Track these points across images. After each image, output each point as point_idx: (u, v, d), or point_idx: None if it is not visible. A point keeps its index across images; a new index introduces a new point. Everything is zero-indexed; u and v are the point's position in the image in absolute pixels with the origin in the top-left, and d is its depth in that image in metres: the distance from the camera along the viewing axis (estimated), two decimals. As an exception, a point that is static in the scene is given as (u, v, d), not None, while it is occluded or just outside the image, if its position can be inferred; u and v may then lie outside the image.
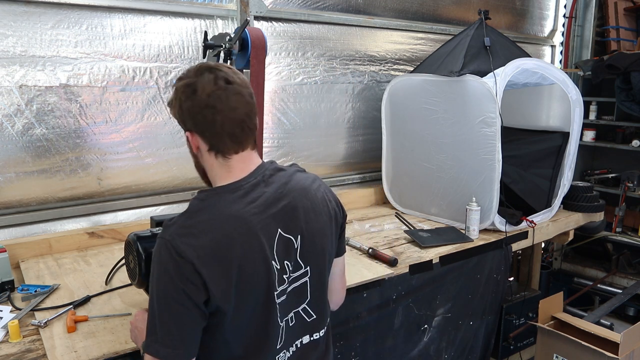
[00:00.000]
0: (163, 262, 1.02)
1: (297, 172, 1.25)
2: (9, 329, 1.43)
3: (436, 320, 2.29)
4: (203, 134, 1.10)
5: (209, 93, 1.07)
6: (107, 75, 2.21)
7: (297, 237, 1.16)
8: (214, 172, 1.15)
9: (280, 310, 1.14)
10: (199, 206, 1.08)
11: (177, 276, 1.00)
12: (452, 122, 2.51)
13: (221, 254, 1.03)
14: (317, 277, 1.22)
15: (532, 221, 2.61)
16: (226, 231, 1.04)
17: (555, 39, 4.30)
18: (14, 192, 2.08)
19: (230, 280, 1.03)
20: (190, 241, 1.02)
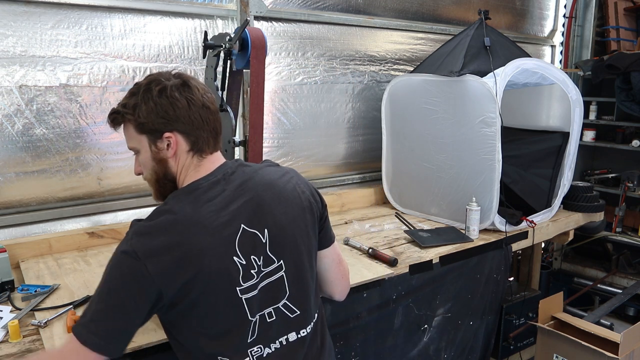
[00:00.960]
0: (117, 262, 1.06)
1: (265, 167, 1.26)
2: (9, 329, 1.43)
3: (436, 320, 2.29)
4: (189, 133, 1.14)
5: (202, 93, 1.15)
6: (107, 75, 2.21)
7: (263, 231, 1.16)
8: (184, 175, 1.17)
9: (250, 305, 1.13)
10: (159, 209, 1.12)
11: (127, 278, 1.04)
12: (452, 122, 2.51)
13: (175, 253, 1.04)
14: (295, 271, 1.21)
15: (532, 221, 2.61)
16: (180, 231, 1.06)
17: (555, 39, 4.30)
18: (14, 192, 2.08)
19: (185, 278, 1.05)
20: (146, 241, 1.05)
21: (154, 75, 1.16)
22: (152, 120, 1.12)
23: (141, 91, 1.13)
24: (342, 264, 1.41)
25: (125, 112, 1.15)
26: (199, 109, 1.13)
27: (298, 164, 2.87)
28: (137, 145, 1.17)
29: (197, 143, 1.15)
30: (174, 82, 1.13)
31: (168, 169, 1.16)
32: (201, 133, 1.15)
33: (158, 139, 1.14)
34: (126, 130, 1.18)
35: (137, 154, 1.19)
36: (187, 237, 1.06)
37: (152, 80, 1.14)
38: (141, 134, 1.15)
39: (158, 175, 1.18)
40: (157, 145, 1.14)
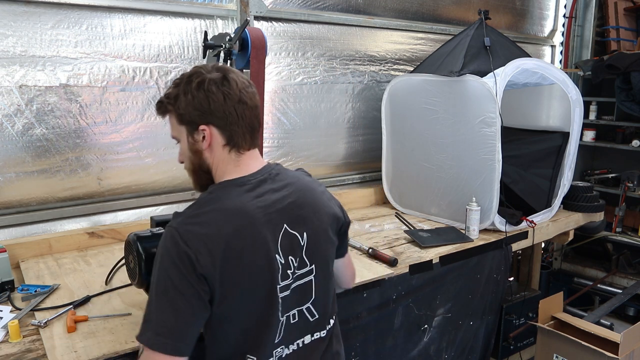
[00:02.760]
0: (167, 248, 1.04)
1: (304, 175, 1.31)
2: (9, 329, 1.43)
3: (436, 320, 2.29)
4: (224, 127, 1.14)
5: (241, 88, 1.14)
6: (107, 75, 2.21)
7: (302, 234, 1.18)
8: (222, 169, 1.17)
9: (282, 305, 1.15)
10: (206, 198, 1.13)
11: (180, 263, 1.02)
12: (452, 122, 2.51)
13: (224, 244, 1.05)
14: (322, 277, 1.24)
15: (532, 221, 2.61)
16: (230, 222, 1.07)
17: (555, 39, 4.30)
18: (14, 192, 2.08)
19: (232, 271, 1.06)
20: (195, 229, 1.05)
21: (197, 67, 1.17)
22: (189, 112, 1.13)
23: (183, 83, 1.14)
24: (351, 261, 1.49)
25: (168, 103, 1.17)
26: (235, 103, 1.13)
27: (298, 164, 2.87)
28: (178, 135, 1.19)
29: (232, 138, 1.15)
30: (214, 76, 1.13)
31: (203, 160, 1.17)
32: (236, 128, 1.14)
33: (195, 131, 1.15)
34: (170, 119, 1.20)
35: (178, 143, 1.21)
36: (234, 229, 1.07)
37: (194, 72, 1.15)
38: (181, 125, 1.17)
39: (194, 165, 1.19)
40: (193, 137, 1.16)
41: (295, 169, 1.33)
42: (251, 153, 1.19)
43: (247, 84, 1.18)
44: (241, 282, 1.07)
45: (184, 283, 1.02)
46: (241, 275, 1.07)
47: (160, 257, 1.06)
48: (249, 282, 1.09)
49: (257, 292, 1.11)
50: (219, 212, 1.09)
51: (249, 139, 1.17)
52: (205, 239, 1.04)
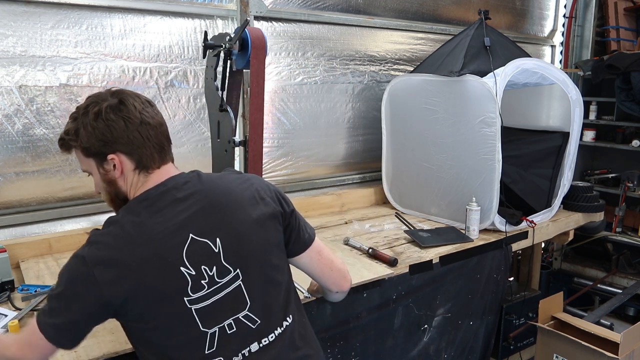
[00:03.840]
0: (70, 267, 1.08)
1: (224, 176, 1.25)
2: (9, 329, 1.43)
3: (436, 320, 2.29)
4: (131, 153, 1.14)
5: (140, 110, 1.14)
6: (107, 75, 2.21)
7: (215, 240, 1.14)
8: (132, 191, 1.17)
9: (202, 317, 1.11)
10: (109, 219, 1.13)
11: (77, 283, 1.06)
12: (452, 122, 2.51)
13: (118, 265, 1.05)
14: (255, 280, 1.18)
15: (532, 221, 2.61)
16: (124, 243, 1.07)
17: (555, 39, 4.30)
18: (14, 192, 2.08)
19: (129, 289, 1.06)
20: (95, 250, 1.07)
21: (93, 97, 1.15)
22: (93, 144, 1.12)
23: (80, 115, 1.13)
24: (324, 256, 1.36)
25: (70, 139, 1.15)
26: (137, 126, 1.13)
27: (298, 164, 2.88)
28: (88, 168, 1.18)
29: (141, 161, 1.15)
30: (110, 103, 1.12)
31: (118, 188, 1.17)
32: (144, 150, 1.14)
33: (104, 161, 1.14)
34: (77, 154, 1.18)
35: (90, 176, 1.20)
36: (130, 249, 1.07)
37: (89, 102, 1.14)
38: (88, 158, 1.16)
39: (111, 195, 1.19)
40: (104, 167, 1.15)
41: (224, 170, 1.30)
42: (160, 170, 1.18)
43: (147, 103, 1.17)
44: (142, 300, 1.07)
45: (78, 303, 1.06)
46: (139, 293, 1.06)
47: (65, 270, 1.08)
48: (150, 300, 1.07)
49: (162, 308, 1.09)
50: (116, 234, 1.09)
51: (157, 157, 1.16)
52: (103, 260, 1.05)
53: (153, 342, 1.11)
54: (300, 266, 1.34)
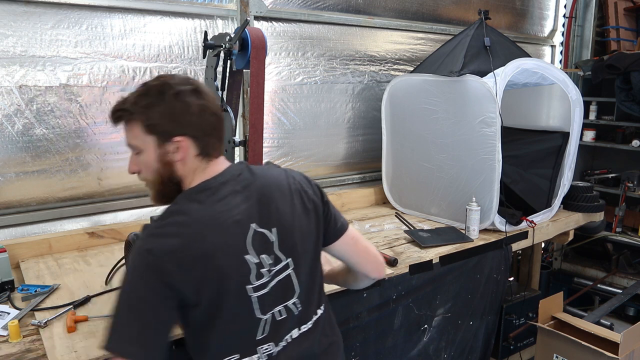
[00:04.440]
0: (133, 262, 1.06)
1: (271, 169, 1.29)
2: (9, 329, 1.43)
3: (436, 320, 2.29)
4: (199, 139, 1.14)
5: (212, 100, 1.17)
6: (107, 75, 2.21)
7: (271, 230, 1.18)
8: (191, 178, 1.17)
9: (261, 304, 1.15)
10: (171, 209, 1.13)
11: (144, 275, 1.04)
12: (452, 122, 2.51)
13: (189, 253, 1.05)
14: (302, 269, 1.23)
15: (532, 221, 2.61)
16: (193, 231, 1.08)
17: (555, 39, 4.30)
18: (14, 192, 2.08)
19: (200, 277, 1.06)
20: (161, 242, 1.05)
21: (165, 77, 1.16)
22: (163, 123, 1.12)
23: (154, 92, 1.12)
24: (360, 243, 1.40)
25: (135, 111, 1.13)
26: (210, 115, 1.15)
27: (298, 164, 2.88)
28: (141, 145, 1.15)
29: (205, 148, 1.16)
30: (188, 88, 1.13)
31: (174, 172, 1.15)
32: (209, 139, 1.16)
33: (167, 142, 1.13)
34: (130, 128, 1.15)
35: (138, 154, 1.16)
36: (200, 237, 1.07)
37: (164, 82, 1.13)
38: (148, 135, 1.13)
39: (162, 177, 1.16)
40: (164, 148, 1.13)
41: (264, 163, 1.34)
42: (218, 159, 1.20)
43: (215, 97, 1.21)
44: (211, 287, 1.08)
45: (151, 295, 1.03)
46: (211, 280, 1.07)
47: (129, 271, 1.06)
48: (218, 287, 1.09)
49: (228, 295, 1.10)
50: (183, 222, 1.08)
51: (218, 147, 1.19)
52: (172, 250, 1.04)
53: (215, 329, 1.12)
54: (338, 253, 1.37)
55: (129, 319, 1.04)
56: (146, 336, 1.04)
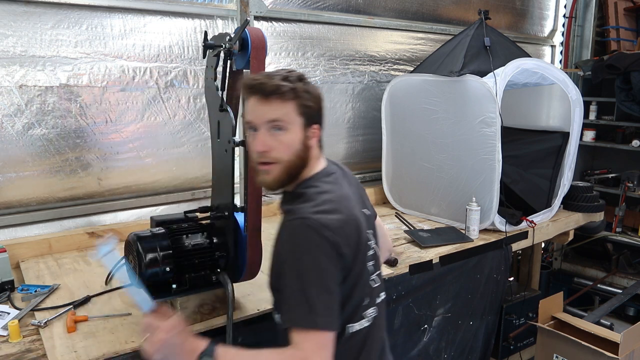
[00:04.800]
0: (309, 238, 1.09)
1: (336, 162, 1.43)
2: (9, 329, 1.43)
3: (436, 320, 2.28)
4: (322, 129, 1.24)
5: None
6: (107, 75, 2.21)
7: (366, 211, 1.33)
8: (312, 165, 1.23)
9: (370, 273, 1.27)
10: (312, 191, 1.18)
11: (326, 249, 1.09)
12: (452, 122, 2.51)
13: (347, 227, 1.14)
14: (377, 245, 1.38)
15: (532, 221, 2.61)
16: (346, 207, 1.18)
17: (555, 39, 4.30)
18: (14, 192, 2.08)
19: (352, 250, 1.16)
20: (327, 217, 1.12)
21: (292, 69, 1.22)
22: (316, 108, 1.20)
23: (303, 80, 1.18)
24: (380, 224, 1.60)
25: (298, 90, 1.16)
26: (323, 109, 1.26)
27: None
28: (289, 124, 1.16)
29: (321, 140, 1.26)
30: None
31: (308, 155, 1.21)
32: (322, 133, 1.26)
33: (309, 127, 1.19)
34: (283, 105, 1.15)
35: (280, 131, 1.16)
36: (351, 212, 1.18)
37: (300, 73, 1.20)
38: (299, 116, 1.17)
39: (299, 159, 1.19)
40: (306, 132, 1.19)
41: None
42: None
43: None
44: (361, 255, 1.19)
45: (331, 267, 1.10)
46: (360, 249, 1.18)
47: (299, 248, 1.10)
48: (362, 254, 1.20)
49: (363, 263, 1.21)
50: (335, 200, 1.17)
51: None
52: (338, 225, 1.12)
53: (353, 296, 1.19)
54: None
55: (318, 292, 1.08)
56: (333, 305, 1.10)
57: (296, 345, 1.07)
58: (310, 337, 1.07)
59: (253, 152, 1.19)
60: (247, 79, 1.21)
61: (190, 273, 1.49)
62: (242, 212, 1.53)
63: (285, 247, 1.13)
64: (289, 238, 1.12)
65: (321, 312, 1.07)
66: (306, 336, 1.07)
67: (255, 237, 1.50)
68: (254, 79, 1.17)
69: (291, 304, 1.09)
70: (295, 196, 1.20)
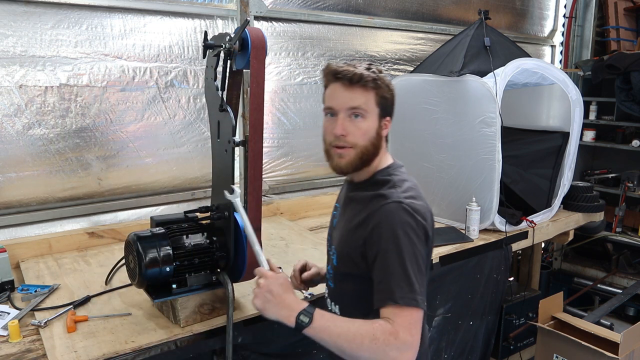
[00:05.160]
0: (407, 220, 1.17)
1: None
2: (9, 329, 1.43)
3: (436, 320, 2.28)
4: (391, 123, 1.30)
5: None
6: (107, 75, 2.21)
7: None
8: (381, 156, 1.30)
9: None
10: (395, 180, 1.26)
11: (420, 232, 1.17)
12: (452, 122, 2.51)
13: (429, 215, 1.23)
14: None
15: (532, 221, 2.61)
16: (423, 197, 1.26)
17: (555, 39, 4.30)
18: (14, 192, 2.08)
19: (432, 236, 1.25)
20: (417, 202, 1.21)
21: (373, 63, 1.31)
22: (392, 100, 1.28)
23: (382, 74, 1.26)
24: None
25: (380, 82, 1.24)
26: None
27: (298, 164, 2.87)
28: (367, 112, 1.23)
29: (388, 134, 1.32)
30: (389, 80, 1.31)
31: (379, 144, 1.28)
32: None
33: (383, 118, 1.26)
34: (366, 93, 1.23)
35: (359, 118, 1.24)
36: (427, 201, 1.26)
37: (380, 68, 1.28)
38: (377, 106, 1.24)
39: (372, 145, 1.25)
40: (380, 122, 1.26)
41: None
42: None
43: None
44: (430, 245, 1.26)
45: (423, 249, 1.18)
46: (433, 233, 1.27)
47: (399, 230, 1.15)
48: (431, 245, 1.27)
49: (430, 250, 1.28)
50: (415, 188, 1.25)
51: None
52: (425, 210, 1.21)
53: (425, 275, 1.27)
54: None
55: (415, 271, 1.14)
56: (425, 285, 1.18)
57: (388, 320, 1.11)
58: (404, 314, 1.11)
59: (330, 134, 1.30)
60: (333, 66, 1.27)
61: (190, 273, 1.49)
62: (242, 212, 1.53)
63: (384, 228, 1.16)
64: (387, 220, 1.17)
65: (418, 291, 1.12)
66: (401, 312, 1.11)
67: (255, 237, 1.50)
68: (340, 66, 1.25)
69: (391, 282, 1.13)
70: (378, 183, 1.26)
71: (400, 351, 1.08)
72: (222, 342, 1.51)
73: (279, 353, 1.70)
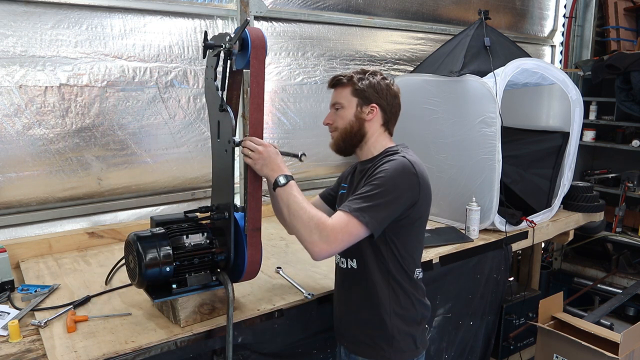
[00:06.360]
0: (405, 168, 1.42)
1: None
2: (9, 329, 1.43)
3: (436, 320, 2.28)
4: (387, 112, 1.56)
5: (397, 89, 1.59)
6: (107, 75, 2.21)
7: None
8: (377, 138, 1.56)
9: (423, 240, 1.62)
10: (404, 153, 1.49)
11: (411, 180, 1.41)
12: (452, 122, 2.51)
13: (426, 177, 1.46)
14: None
15: (532, 221, 2.61)
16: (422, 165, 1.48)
17: (555, 39, 4.30)
18: (14, 192, 2.08)
19: (428, 201, 1.48)
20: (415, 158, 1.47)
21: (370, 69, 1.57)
22: (369, 91, 1.52)
23: (368, 73, 1.55)
24: None
25: (349, 80, 1.54)
26: (398, 104, 1.59)
27: (298, 164, 2.87)
28: (345, 104, 1.54)
29: (388, 122, 1.57)
30: (393, 81, 1.58)
31: (362, 128, 1.54)
32: (392, 117, 1.58)
33: (365, 105, 1.52)
34: (342, 90, 1.55)
35: (339, 109, 1.55)
36: (424, 169, 1.47)
37: (375, 71, 1.57)
38: (354, 97, 1.53)
39: (353, 128, 1.54)
40: (362, 109, 1.53)
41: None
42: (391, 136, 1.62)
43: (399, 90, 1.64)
44: (426, 215, 1.52)
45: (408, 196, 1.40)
46: (427, 211, 1.51)
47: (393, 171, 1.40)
48: (425, 210, 1.49)
49: (425, 221, 1.53)
50: (419, 163, 1.47)
51: (392, 127, 1.61)
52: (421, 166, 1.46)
53: (419, 239, 1.54)
54: None
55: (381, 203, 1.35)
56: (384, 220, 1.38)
57: (332, 218, 1.34)
58: (345, 219, 1.34)
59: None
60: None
61: (190, 273, 1.49)
62: (242, 212, 1.53)
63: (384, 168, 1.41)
64: (390, 165, 1.41)
65: (372, 215, 1.34)
66: (344, 217, 1.34)
67: (255, 237, 1.50)
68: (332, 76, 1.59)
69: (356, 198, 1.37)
70: (388, 153, 1.51)
71: (320, 240, 1.31)
72: (222, 342, 1.51)
73: (279, 353, 1.70)
